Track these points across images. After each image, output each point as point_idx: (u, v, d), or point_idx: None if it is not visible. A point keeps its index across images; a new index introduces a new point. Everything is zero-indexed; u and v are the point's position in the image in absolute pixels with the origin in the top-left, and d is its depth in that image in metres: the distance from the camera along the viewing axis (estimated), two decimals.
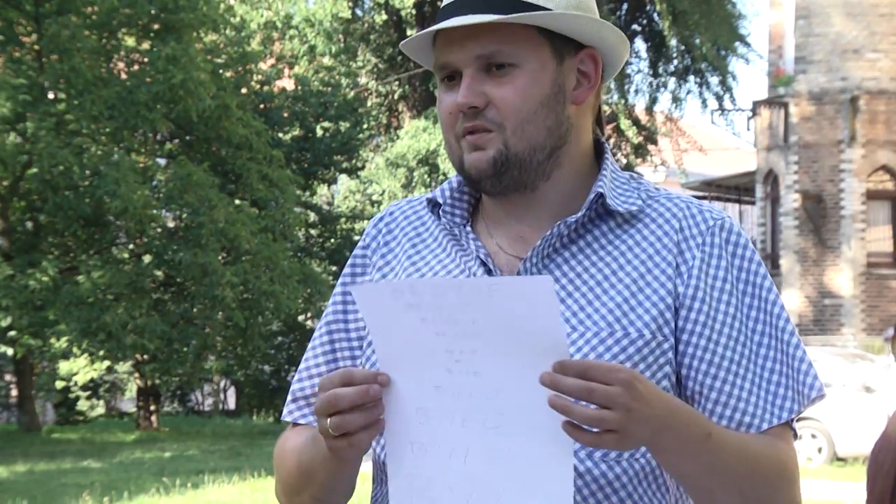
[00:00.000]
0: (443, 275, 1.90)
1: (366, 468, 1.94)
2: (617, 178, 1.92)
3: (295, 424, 2.00)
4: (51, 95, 20.89)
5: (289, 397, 2.02)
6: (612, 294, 1.83)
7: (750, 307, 1.86)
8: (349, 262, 2.02)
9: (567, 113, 1.87)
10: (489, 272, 1.86)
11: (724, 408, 1.82)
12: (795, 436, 1.88)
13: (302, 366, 2.02)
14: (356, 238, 25.85)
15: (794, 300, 25.50)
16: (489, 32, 1.82)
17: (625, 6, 28.96)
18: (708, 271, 1.85)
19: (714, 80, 28.26)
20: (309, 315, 27.13)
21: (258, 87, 26.55)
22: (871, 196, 25.32)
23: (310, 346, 2.02)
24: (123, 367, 24.83)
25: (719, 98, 28.27)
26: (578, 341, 1.80)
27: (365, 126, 27.72)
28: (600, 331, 1.80)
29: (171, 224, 22.41)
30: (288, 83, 28.02)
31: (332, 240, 27.96)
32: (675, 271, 1.85)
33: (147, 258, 21.83)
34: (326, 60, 27.60)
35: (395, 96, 28.70)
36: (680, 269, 1.85)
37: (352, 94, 27.58)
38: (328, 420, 1.66)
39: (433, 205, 1.95)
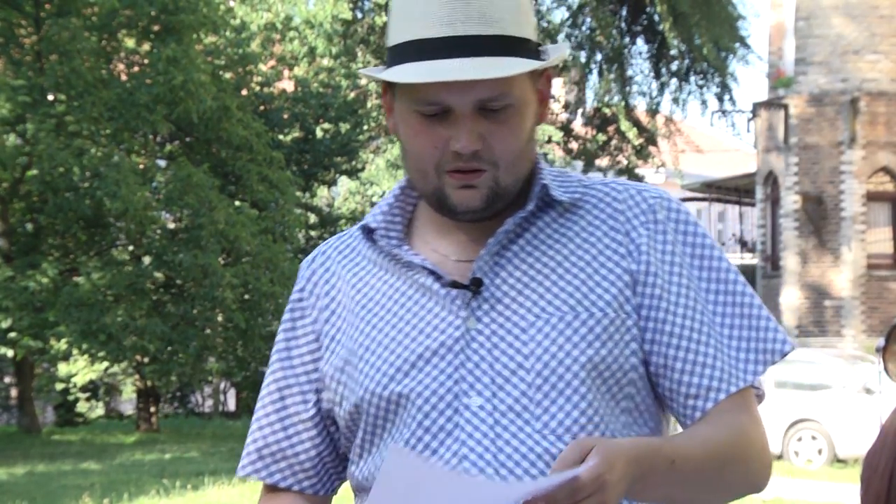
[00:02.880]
0: (390, 294, 1.91)
1: None
2: (551, 171, 1.94)
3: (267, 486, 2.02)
4: (51, 97, 20.90)
5: (251, 453, 2.02)
6: (569, 279, 1.86)
7: (700, 278, 1.90)
8: (288, 308, 2.01)
9: (535, 133, 1.91)
10: (439, 279, 1.86)
11: (690, 376, 1.86)
12: (762, 397, 1.92)
13: (255, 422, 2.03)
14: None
15: (794, 301, 25.49)
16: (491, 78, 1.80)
17: (625, 7, 28.96)
18: (656, 247, 1.89)
19: (714, 80, 28.26)
20: None
21: (258, 88, 26.56)
22: (872, 198, 25.32)
23: (260, 398, 2.02)
24: (119, 368, 24.80)
25: (719, 99, 28.27)
26: (545, 328, 1.83)
27: (365, 127, 27.73)
28: (565, 314, 1.83)
29: (171, 225, 22.41)
30: (288, 84, 28.03)
31: None
32: (626, 250, 1.88)
33: (147, 259, 21.83)
34: (326, 62, 27.60)
35: None
36: (629, 248, 1.88)
37: (352, 95, 27.58)
38: None
39: (367, 231, 1.94)
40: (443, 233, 1.91)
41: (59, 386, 23.66)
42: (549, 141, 26.32)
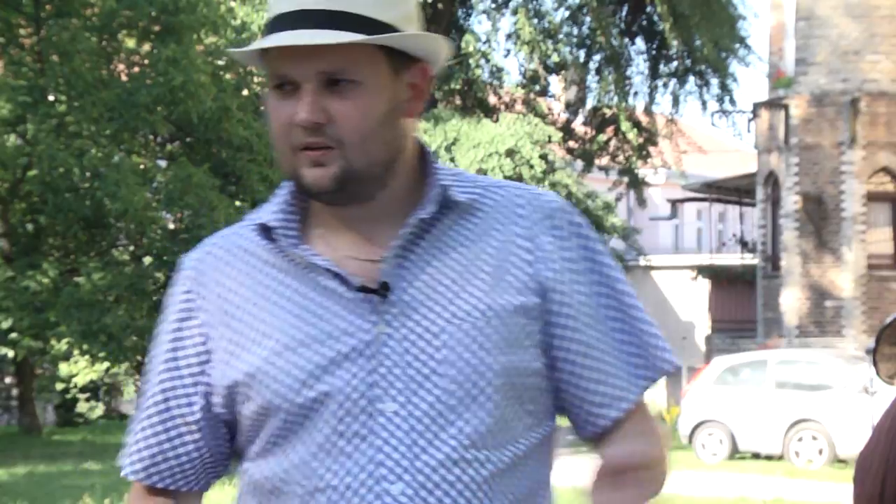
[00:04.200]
0: (293, 297, 1.87)
1: None
2: (448, 172, 1.93)
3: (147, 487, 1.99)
4: (51, 97, 20.90)
5: (144, 458, 1.96)
6: (477, 283, 1.86)
7: (600, 285, 1.92)
8: (172, 309, 1.95)
9: (401, 125, 1.88)
10: (344, 282, 1.85)
11: (597, 384, 1.90)
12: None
13: (139, 426, 1.97)
14: None
15: (794, 302, 25.50)
16: (332, 49, 1.81)
17: (625, 7, 28.97)
18: (563, 254, 1.90)
19: (714, 81, 28.27)
20: None
21: (259, 88, 26.55)
22: (872, 198, 25.32)
23: (144, 398, 1.98)
24: (120, 368, 24.81)
25: (719, 100, 28.28)
26: (457, 333, 1.83)
27: None
28: (476, 320, 1.84)
29: (171, 226, 22.41)
30: None
31: None
32: (533, 256, 1.88)
33: (148, 260, 21.83)
34: None
35: None
36: (536, 254, 1.88)
37: None
38: None
39: (264, 229, 1.90)
40: (339, 230, 1.89)
41: (60, 386, 23.66)
42: (550, 141, 26.32)
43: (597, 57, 28.57)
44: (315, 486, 1.83)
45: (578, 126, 30.05)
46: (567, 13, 28.29)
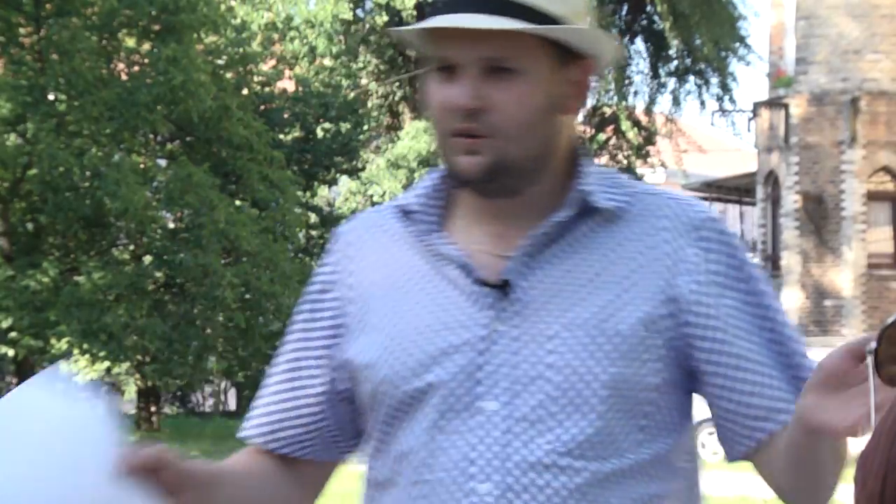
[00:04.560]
0: (420, 283, 1.86)
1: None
2: (598, 175, 1.90)
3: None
4: (51, 96, 20.90)
5: (263, 424, 2.00)
6: (602, 293, 1.82)
7: (750, 295, 1.87)
8: (316, 279, 1.97)
9: (558, 121, 1.86)
10: (469, 273, 1.83)
11: (752, 397, 1.84)
12: None
13: (265, 390, 2.00)
14: None
15: (794, 301, 25.50)
16: (495, 35, 1.79)
17: (625, 7, 28.97)
18: (709, 266, 1.84)
19: (714, 80, 28.28)
20: None
21: (259, 88, 26.56)
22: (872, 197, 25.32)
23: (274, 364, 2.00)
24: (120, 367, 24.83)
25: (719, 99, 28.29)
26: (570, 340, 1.80)
27: (366, 127, 27.74)
28: (592, 328, 1.80)
29: (171, 225, 22.42)
30: (289, 84, 28.03)
31: None
32: (672, 268, 1.83)
33: (147, 259, 21.84)
34: (327, 61, 27.61)
35: (396, 97, 28.72)
36: (678, 265, 1.84)
37: (353, 95, 27.59)
38: None
39: (404, 212, 1.90)
40: (480, 221, 1.87)
41: None
42: None
43: None
44: (412, 480, 1.82)
45: (578, 125, 30.08)
46: None
